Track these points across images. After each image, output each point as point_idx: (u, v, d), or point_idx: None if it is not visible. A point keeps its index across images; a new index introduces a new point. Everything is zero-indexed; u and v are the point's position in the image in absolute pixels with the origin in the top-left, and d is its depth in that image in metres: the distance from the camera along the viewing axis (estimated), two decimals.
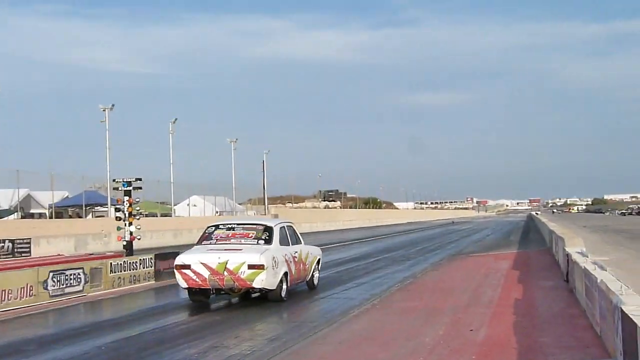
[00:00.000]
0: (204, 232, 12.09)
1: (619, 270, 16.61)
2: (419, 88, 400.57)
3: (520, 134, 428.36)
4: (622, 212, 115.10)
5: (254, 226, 11.88)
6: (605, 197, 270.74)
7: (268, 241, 11.54)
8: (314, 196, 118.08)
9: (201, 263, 10.99)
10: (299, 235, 13.26)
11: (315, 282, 13.84)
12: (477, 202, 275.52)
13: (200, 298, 11.55)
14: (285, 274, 11.74)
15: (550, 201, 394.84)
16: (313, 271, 13.69)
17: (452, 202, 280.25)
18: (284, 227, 12.39)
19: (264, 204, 64.21)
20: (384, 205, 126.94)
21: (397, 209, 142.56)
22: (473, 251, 28.00)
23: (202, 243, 11.76)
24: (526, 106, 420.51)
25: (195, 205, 55.17)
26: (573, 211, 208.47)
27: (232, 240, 11.49)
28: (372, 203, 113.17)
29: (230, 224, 12.01)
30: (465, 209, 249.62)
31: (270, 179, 66.10)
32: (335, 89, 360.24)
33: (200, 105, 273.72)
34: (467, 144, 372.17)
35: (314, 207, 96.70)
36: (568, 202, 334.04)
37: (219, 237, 11.65)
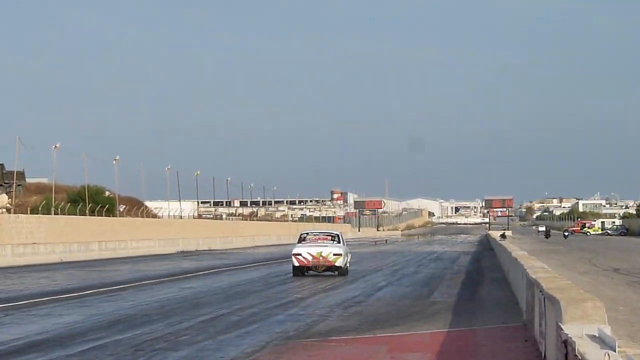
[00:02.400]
0: (300, 237, 70.78)
1: None
2: None
3: (468, 60, 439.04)
4: None
5: (329, 233, 71.78)
6: None
7: (338, 242, 68.52)
8: None
9: (307, 252, 66.77)
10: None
11: (348, 271, 68.04)
12: (357, 204, 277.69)
13: (299, 273, 65.33)
14: (346, 260, 67.91)
15: (536, 205, 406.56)
16: (348, 263, 69.39)
17: (296, 204, 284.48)
18: (342, 234, 73.31)
19: None
20: (122, 206, 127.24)
21: (157, 216, 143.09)
22: (339, 328, 29.42)
23: (302, 242, 68.69)
24: None
25: None
26: (593, 231, 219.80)
27: (319, 241, 68.73)
28: (91, 201, 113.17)
29: (315, 232, 73.57)
30: (328, 219, 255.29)
31: None
32: None
33: None
34: (333, 77, 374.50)
35: None
36: (580, 208, 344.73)
37: (311, 239, 69.22)
